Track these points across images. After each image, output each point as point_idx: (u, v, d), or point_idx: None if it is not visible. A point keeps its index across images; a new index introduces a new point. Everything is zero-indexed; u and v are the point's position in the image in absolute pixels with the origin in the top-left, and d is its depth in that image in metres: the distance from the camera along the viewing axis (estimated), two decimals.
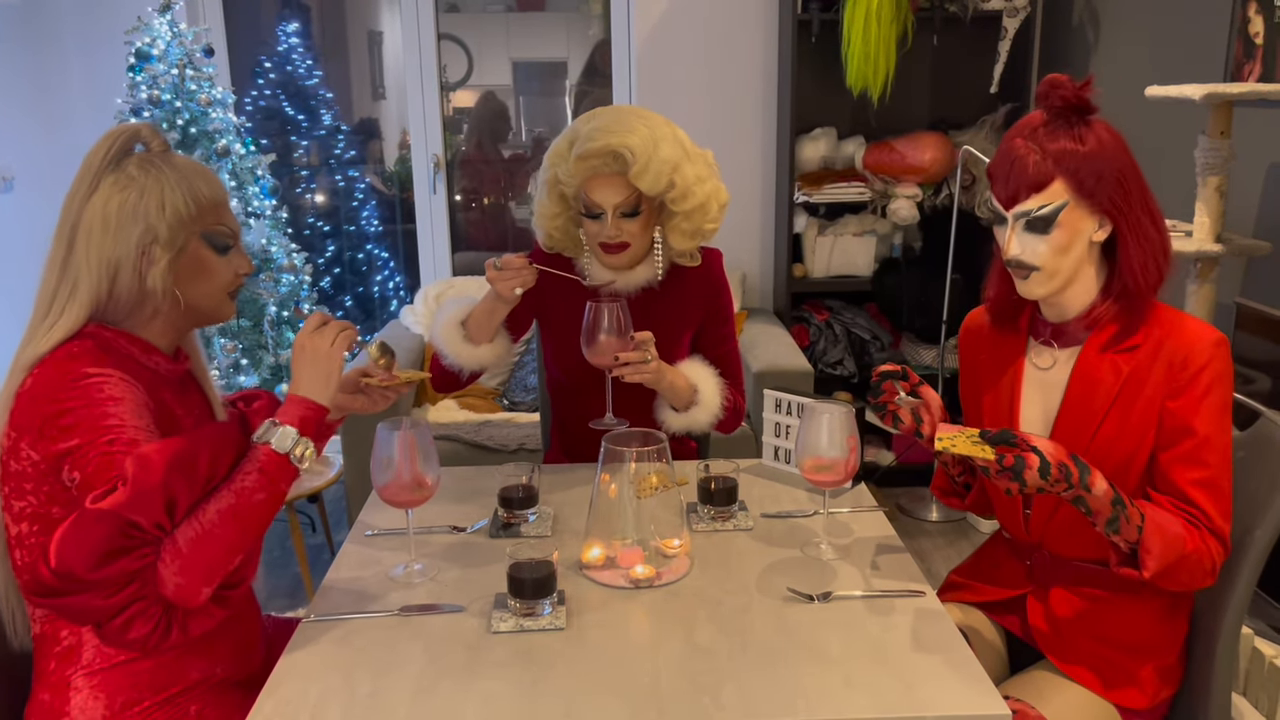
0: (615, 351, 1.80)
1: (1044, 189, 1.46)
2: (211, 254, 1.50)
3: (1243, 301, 2.62)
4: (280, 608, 3.18)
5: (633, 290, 2.02)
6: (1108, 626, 1.55)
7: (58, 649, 1.43)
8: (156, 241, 1.43)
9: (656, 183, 1.86)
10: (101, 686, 1.42)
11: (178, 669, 1.46)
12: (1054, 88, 1.47)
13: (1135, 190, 1.48)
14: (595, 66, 4.40)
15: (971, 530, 3.64)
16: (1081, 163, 1.44)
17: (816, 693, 1.28)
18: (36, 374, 1.38)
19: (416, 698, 1.28)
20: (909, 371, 1.61)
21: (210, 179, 1.50)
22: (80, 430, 1.34)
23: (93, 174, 1.44)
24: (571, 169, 1.89)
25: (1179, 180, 2.69)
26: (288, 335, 3.44)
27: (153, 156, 1.47)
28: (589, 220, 1.94)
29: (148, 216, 1.42)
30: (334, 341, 1.49)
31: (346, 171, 4.70)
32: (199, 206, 1.46)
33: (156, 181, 1.44)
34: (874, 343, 3.94)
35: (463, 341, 1.98)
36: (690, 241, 1.98)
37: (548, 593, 1.46)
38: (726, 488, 1.78)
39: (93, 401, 1.35)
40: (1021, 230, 1.49)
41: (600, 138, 1.84)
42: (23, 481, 1.38)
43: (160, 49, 3.27)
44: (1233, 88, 2.37)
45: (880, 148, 3.77)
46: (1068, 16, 3.65)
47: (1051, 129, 1.47)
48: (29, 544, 1.40)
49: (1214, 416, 1.46)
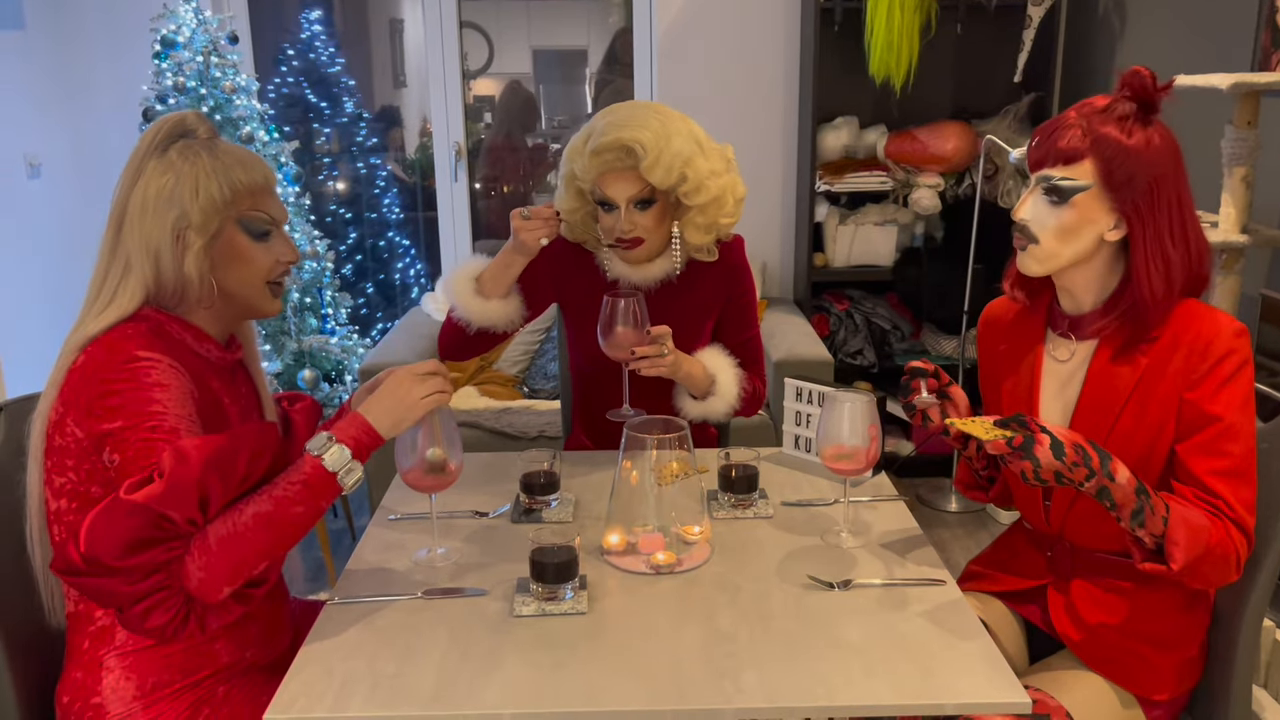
0: (631, 345, 1.81)
1: (1073, 164, 1.45)
2: (247, 240, 1.50)
3: (1268, 293, 2.60)
4: (302, 591, 3.21)
5: (652, 284, 2.03)
6: (1129, 617, 1.55)
7: (92, 628, 1.45)
8: (190, 226, 1.45)
9: (668, 176, 1.87)
10: (134, 668, 1.44)
11: (208, 653, 1.48)
12: (1135, 76, 1.45)
13: (1166, 202, 1.45)
14: (615, 55, 4.40)
15: (991, 521, 3.63)
16: (1119, 154, 1.43)
17: (836, 680, 1.29)
18: (89, 352, 1.40)
19: (440, 679, 1.30)
20: (940, 372, 1.61)
21: (251, 165, 1.50)
22: (125, 413, 1.36)
23: (139, 160, 1.47)
24: (586, 164, 1.90)
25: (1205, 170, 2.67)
26: (310, 321, 3.46)
27: (196, 143, 1.48)
28: (604, 214, 1.95)
29: (182, 201, 1.44)
30: (426, 396, 1.48)
31: (368, 159, 4.72)
32: (234, 192, 1.47)
33: (193, 166, 1.45)
34: (894, 333, 3.93)
35: (474, 294, 1.97)
36: (706, 236, 1.99)
37: (570, 577, 1.47)
38: (747, 475, 1.79)
39: (140, 385, 1.37)
40: (1039, 195, 1.48)
41: (612, 132, 1.86)
42: (65, 457, 1.41)
43: (185, 36, 3.29)
44: (1260, 77, 2.34)
45: (902, 137, 3.75)
46: (1094, 5, 3.62)
47: (1107, 114, 1.45)
48: (66, 520, 1.42)
49: (1235, 405, 1.44)
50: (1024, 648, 1.70)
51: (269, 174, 1.53)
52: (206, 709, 1.46)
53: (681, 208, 1.96)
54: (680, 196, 1.93)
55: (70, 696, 1.45)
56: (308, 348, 3.44)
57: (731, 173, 1.98)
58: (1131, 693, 1.53)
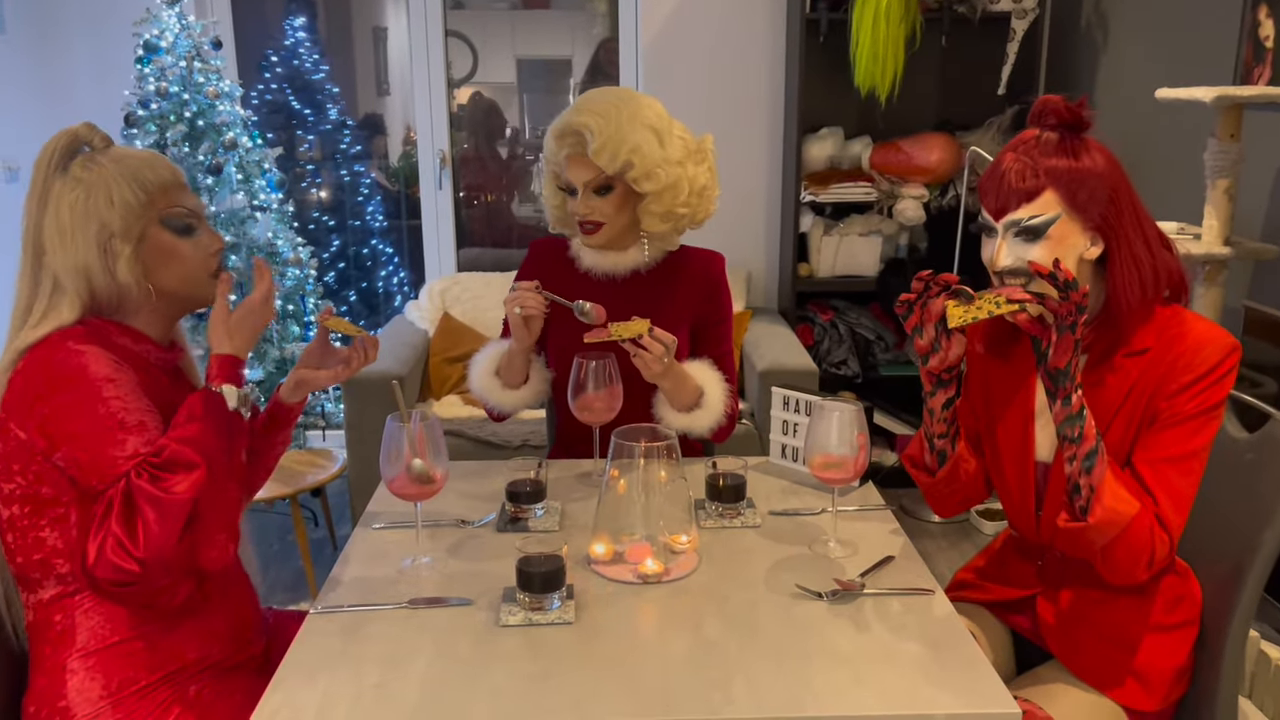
0: (604, 409, 1.85)
1: (1035, 199, 1.44)
2: (173, 237, 1.50)
3: (1251, 305, 2.61)
4: (282, 601, 3.18)
5: (623, 273, 2.06)
6: (1117, 628, 1.55)
7: (51, 634, 1.44)
8: (114, 235, 1.44)
9: (613, 162, 1.89)
10: (97, 667, 1.43)
11: (174, 650, 1.47)
12: (1048, 108, 1.46)
13: (1127, 209, 1.46)
14: (599, 64, 4.41)
15: (974, 531, 3.63)
16: (1074, 176, 1.43)
17: (825, 689, 1.28)
18: (29, 357, 1.40)
19: (424, 690, 1.28)
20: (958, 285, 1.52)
21: (156, 164, 1.50)
22: (78, 410, 1.36)
23: (41, 182, 1.45)
24: (553, 148, 1.96)
25: (1188, 183, 2.69)
26: (293, 329, 3.44)
27: (95, 155, 1.47)
28: (569, 199, 1.99)
29: (99, 213, 1.43)
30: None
31: (351, 166, 4.71)
32: (148, 193, 1.47)
33: (100, 177, 1.44)
34: (878, 343, 3.94)
35: (502, 389, 2.04)
36: (663, 224, 1.99)
37: (556, 587, 1.46)
38: (734, 485, 1.78)
39: (89, 380, 1.37)
40: (1012, 239, 1.47)
41: (569, 116, 1.92)
42: (10, 463, 1.39)
43: (168, 41, 3.27)
44: (1243, 90, 2.36)
45: (887, 148, 3.76)
46: (1076, 18, 3.65)
47: (1044, 144, 1.46)
48: (20, 526, 1.41)
49: (1197, 417, 1.44)
50: (1012, 658, 1.70)
51: (175, 170, 1.53)
52: (178, 708, 1.45)
53: (637, 194, 1.97)
54: (630, 183, 1.94)
55: (36, 705, 1.43)
56: (290, 355, 3.41)
57: (696, 164, 1.98)
58: (1119, 703, 1.53)
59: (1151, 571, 1.45)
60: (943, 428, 1.62)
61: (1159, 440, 1.45)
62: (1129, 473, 1.46)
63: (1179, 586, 1.57)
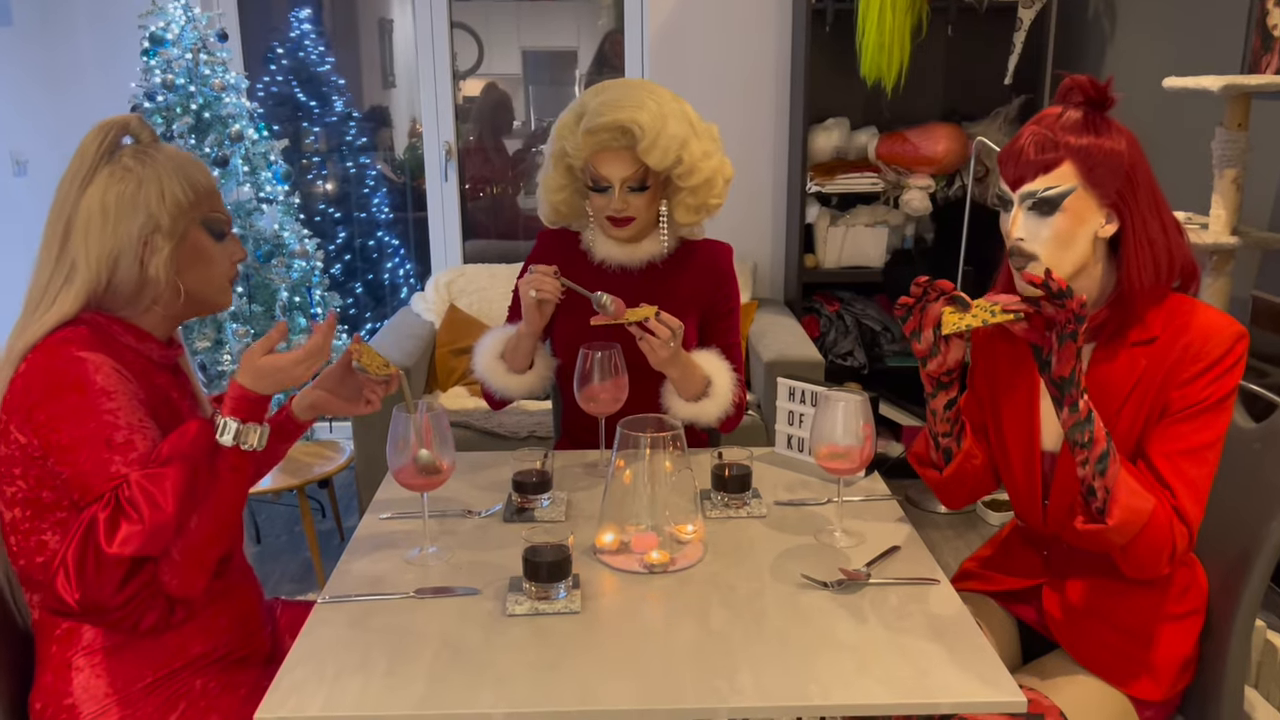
0: (610, 399, 1.85)
1: (1052, 170, 1.45)
2: (210, 241, 1.51)
3: (1259, 294, 2.61)
4: (290, 592, 3.19)
5: (638, 264, 2.05)
6: (1123, 618, 1.55)
7: (57, 632, 1.45)
8: (159, 230, 1.44)
9: (664, 159, 1.88)
10: (103, 665, 1.44)
11: (179, 646, 1.48)
12: (1075, 85, 1.46)
13: (1144, 190, 1.46)
14: (605, 56, 4.39)
15: (980, 522, 3.63)
16: (1093, 151, 1.43)
17: (831, 679, 1.28)
18: (30, 359, 1.39)
19: (432, 679, 1.29)
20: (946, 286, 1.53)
21: (202, 167, 1.52)
22: (72, 423, 1.36)
23: (88, 166, 1.44)
24: (580, 143, 1.90)
25: (1195, 172, 2.68)
26: (299, 320, 3.44)
27: (145, 147, 1.48)
28: (595, 194, 1.96)
29: (149, 206, 1.43)
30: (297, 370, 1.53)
31: (357, 158, 4.70)
32: (196, 194, 1.48)
33: (154, 171, 1.45)
34: (885, 334, 3.93)
35: (506, 374, 2.03)
36: (694, 216, 2.00)
37: (563, 576, 1.46)
38: (740, 475, 1.78)
39: (87, 393, 1.37)
40: (1026, 211, 1.47)
41: (609, 113, 1.86)
42: (11, 466, 1.40)
43: (174, 33, 3.27)
44: (1251, 79, 2.35)
45: (893, 138, 3.75)
46: (1083, 7, 3.63)
47: (1066, 120, 1.46)
48: (23, 529, 1.41)
49: (1214, 398, 1.44)
50: (1018, 647, 1.70)
51: (212, 176, 1.55)
52: (184, 703, 1.46)
53: (673, 188, 1.96)
54: (674, 178, 1.93)
55: (43, 702, 1.44)
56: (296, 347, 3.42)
57: (720, 153, 2.00)
58: (1125, 693, 1.53)
59: (1173, 565, 1.45)
60: (946, 427, 1.62)
61: (1173, 433, 1.45)
62: (1143, 465, 1.46)
63: (1185, 576, 1.57)
